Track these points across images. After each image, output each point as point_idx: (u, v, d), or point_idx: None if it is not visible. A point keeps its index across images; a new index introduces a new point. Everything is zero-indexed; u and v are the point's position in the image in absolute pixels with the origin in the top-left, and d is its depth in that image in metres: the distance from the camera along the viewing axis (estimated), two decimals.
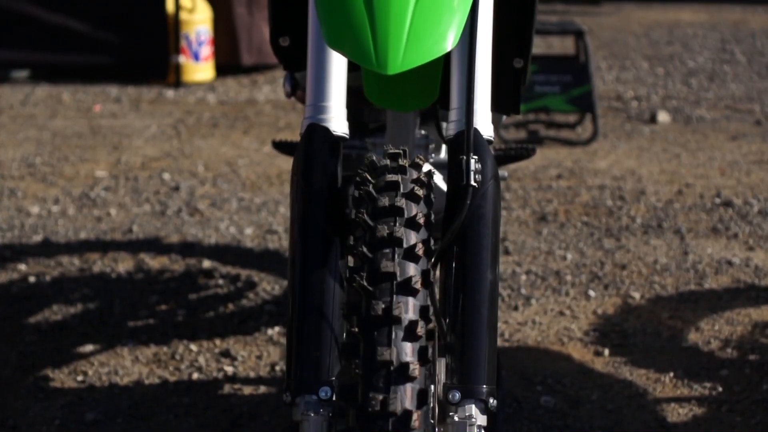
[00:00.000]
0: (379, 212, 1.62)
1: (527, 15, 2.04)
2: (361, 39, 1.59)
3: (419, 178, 1.68)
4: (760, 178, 4.90)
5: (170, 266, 3.80)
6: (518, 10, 2.03)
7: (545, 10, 9.36)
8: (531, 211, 4.40)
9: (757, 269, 3.75)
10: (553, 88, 5.59)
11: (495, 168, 1.76)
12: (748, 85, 6.95)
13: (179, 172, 5.00)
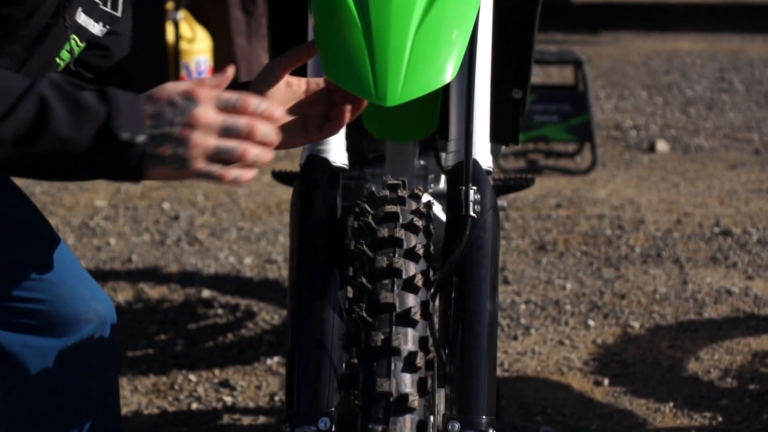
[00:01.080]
0: (378, 243, 1.62)
1: (526, 45, 2.05)
2: (360, 71, 1.60)
3: (418, 209, 1.68)
4: (759, 207, 4.90)
5: (169, 296, 3.80)
6: (517, 41, 2.04)
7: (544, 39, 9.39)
8: (530, 241, 4.40)
9: (756, 298, 3.75)
10: (551, 117, 5.61)
11: (494, 198, 1.76)
12: (747, 114, 6.96)
13: (179, 201, 5.00)
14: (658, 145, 6.10)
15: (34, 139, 1.41)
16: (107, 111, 1.43)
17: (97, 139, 1.42)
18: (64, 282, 1.81)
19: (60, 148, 1.42)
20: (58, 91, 1.44)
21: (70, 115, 1.42)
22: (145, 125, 1.44)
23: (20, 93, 1.42)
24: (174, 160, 1.45)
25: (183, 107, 1.46)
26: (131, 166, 1.45)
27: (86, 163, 1.45)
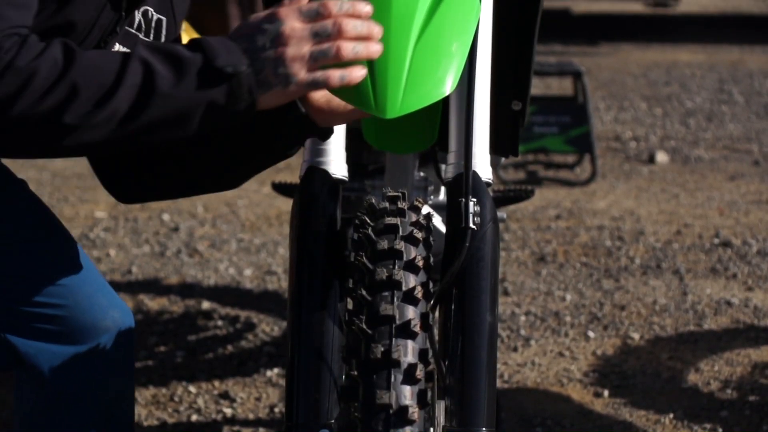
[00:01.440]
0: (378, 255, 1.62)
1: (525, 57, 2.06)
2: (359, 83, 1.60)
3: (418, 221, 1.68)
4: (758, 218, 4.91)
5: (169, 307, 3.80)
6: (516, 53, 2.04)
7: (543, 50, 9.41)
8: (530, 252, 4.40)
9: (756, 309, 3.75)
10: (551, 128, 5.62)
11: (494, 210, 1.76)
12: (746, 125, 6.97)
13: (179, 212, 5.01)
14: (657, 156, 6.11)
15: (147, 103, 1.45)
16: (203, 55, 1.47)
17: (204, 82, 1.46)
18: (82, 289, 1.84)
19: (173, 103, 1.46)
20: (155, 52, 1.48)
21: (173, 69, 1.46)
22: (243, 57, 1.48)
23: (121, 63, 1.45)
24: (279, 80, 1.50)
25: (270, 30, 1.50)
26: (243, 98, 1.49)
27: (201, 111, 1.48)
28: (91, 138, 1.45)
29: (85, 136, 1.45)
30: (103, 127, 1.44)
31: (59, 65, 1.42)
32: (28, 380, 1.84)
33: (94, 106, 1.43)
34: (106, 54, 1.48)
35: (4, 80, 1.39)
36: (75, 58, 1.44)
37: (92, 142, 1.46)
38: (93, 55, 1.47)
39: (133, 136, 1.48)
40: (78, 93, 1.42)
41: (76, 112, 1.42)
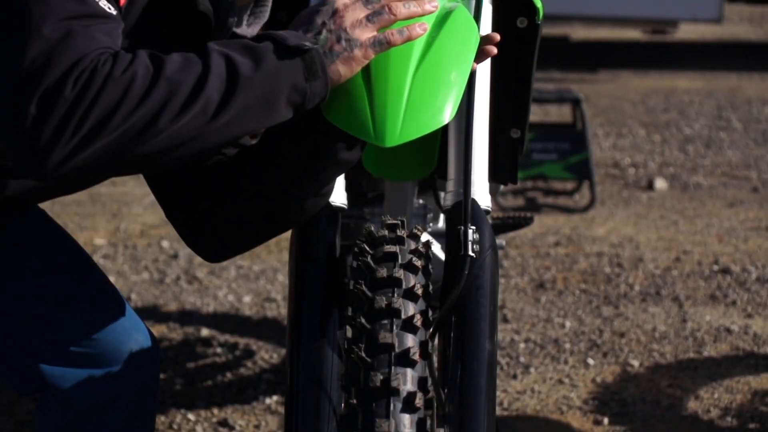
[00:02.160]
0: (377, 283, 1.62)
1: (524, 85, 2.07)
2: (359, 111, 1.61)
3: (417, 248, 1.69)
4: (757, 244, 4.91)
5: (168, 334, 3.79)
6: (515, 81, 2.05)
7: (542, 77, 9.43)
8: (529, 279, 4.40)
9: (756, 337, 3.74)
10: (550, 155, 5.62)
11: (493, 238, 1.77)
12: (745, 152, 6.98)
13: (178, 239, 4.99)
14: (656, 182, 6.11)
15: (234, 88, 1.53)
16: (271, 42, 1.57)
17: (280, 63, 1.56)
18: (107, 314, 1.92)
19: (257, 87, 1.54)
20: (228, 46, 1.57)
21: (250, 56, 1.55)
22: (307, 37, 1.60)
23: (203, 58, 1.54)
24: (343, 47, 1.60)
25: (324, 10, 1.63)
26: (317, 73, 1.58)
27: (284, 92, 1.57)
28: (188, 133, 1.50)
29: (183, 132, 1.50)
30: (199, 119, 1.51)
31: (150, 69, 1.49)
32: (52, 400, 1.89)
33: (188, 100, 1.50)
34: (185, 54, 1.55)
35: (105, 92, 1.46)
36: (162, 60, 1.51)
37: (190, 138, 1.51)
38: (175, 55, 1.53)
39: (226, 128, 1.54)
40: (174, 90, 1.49)
41: (173, 109, 1.49)
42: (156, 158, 1.52)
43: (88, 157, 1.46)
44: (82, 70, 1.45)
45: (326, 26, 1.61)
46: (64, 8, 1.47)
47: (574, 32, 13.54)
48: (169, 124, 1.49)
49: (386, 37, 1.61)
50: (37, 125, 1.44)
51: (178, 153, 1.53)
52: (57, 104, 1.44)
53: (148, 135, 1.48)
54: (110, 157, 1.48)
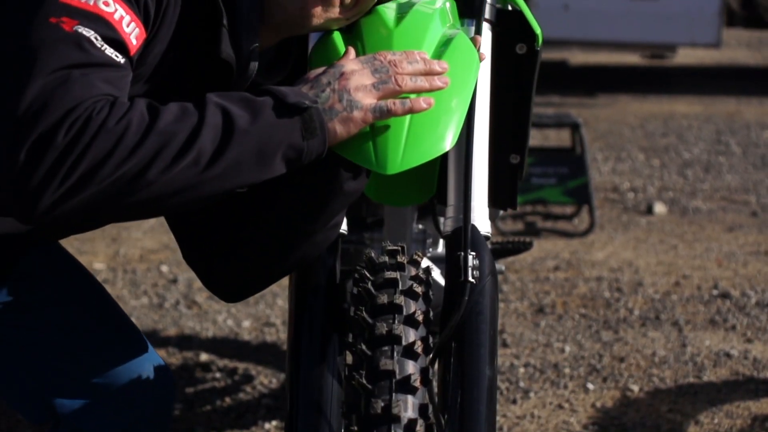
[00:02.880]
0: (378, 310, 1.62)
1: (523, 111, 2.07)
2: (360, 139, 1.61)
3: (418, 275, 1.69)
4: (757, 269, 4.91)
5: (167, 359, 3.79)
6: (514, 107, 2.06)
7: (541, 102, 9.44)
8: (529, 303, 4.40)
9: (755, 361, 3.74)
10: (549, 180, 5.63)
11: (492, 264, 1.77)
12: (744, 176, 6.99)
13: (177, 264, 5.00)
14: (655, 207, 6.12)
15: (228, 140, 1.53)
16: (271, 97, 1.58)
17: (278, 118, 1.56)
18: (122, 349, 1.92)
19: (253, 140, 1.54)
20: (227, 97, 1.57)
21: (248, 110, 1.56)
22: (308, 95, 1.60)
23: (200, 109, 1.54)
24: (344, 106, 1.60)
25: (332, 71, 1.63)
26: (315, 132, 1.59)
27: (281, 148, 1.57)
28: (178, 184, 1.51)
29: (174, 183, 1.50)
30: (190, 170, 1.51)
31: (146, 119, 1.50)
32: (63, 430, 1.88)
33: (181, 151, 1.50)
34: (183, 104, 1.55)
35: (97, 141, 1.46)
36: (158, 109, 1.52)
37: (180, 189, 1.51)
38: (172, 105, 1.53)
39: (218, 180, 1.54)
40: (167, 141, 1.49)
41: (165, 160, 1.49)
42: (148, 207, 1.53)
43: (77, 204, 1.47)
44: (77, 118, 1.46)
45: (330, 85, 1.61)
46: (66, 56, 1.48)
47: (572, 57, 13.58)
48: (160, 175, 1.49)
49: (388, 105, 1.61)
50: (27, 170, 1.44)
51: (171, 202, 1.53)
52: (48, 151, 1.44)
53: (139, 185, 1.49)
54: (101, 204, 1.49)
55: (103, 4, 1.52)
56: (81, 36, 1.49)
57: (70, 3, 1.50)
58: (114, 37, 1.52)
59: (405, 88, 1.62)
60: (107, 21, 1.52)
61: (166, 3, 1.62)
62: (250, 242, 1.77)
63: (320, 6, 1.72)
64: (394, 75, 1.63)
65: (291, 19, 1.75)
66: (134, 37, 1.56)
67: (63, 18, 1.49)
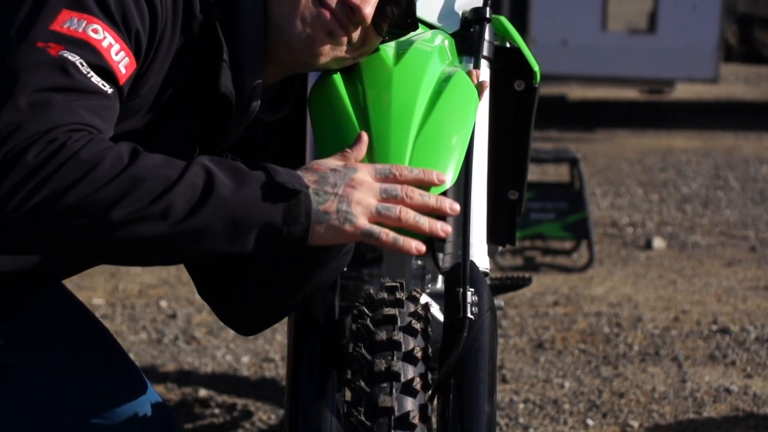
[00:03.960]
0: (376, 346, 1.62)
1: (521, 147, 2.08)
2: None
3: (416, 311, 1.69)
4: (756, 304, 4.90)
5: (166, 395, 3.78)
6: (513, 143, 2.06)
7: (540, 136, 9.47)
8: (528, 339, 4.39)
9: (755, 397, 3.73)
10: (548, 215, 5.64)
11: (491, 300, 1.77)
12: (743, 211, 7.00)
13: (176, 299, 5.00)
14: (654, 242, 6.12)
15: (203, 203, 1.48)
16: (265, 172, 1.53)
17: (264, 196, 1.51)
18: (124, 389, 1.93)
19: (229, 211, 1.50)
20: (218, 163, 1.52)
21: (234, 178, 1.51)
22: (307, 183, 1.54)
23: (185, 164, 1.49)
24: (339, 216, 1.54)
25: (344, 172, 1.57)
26: (299, 221, 1.53)
27: (257, 227, 1.51)
28: (142, 233, 1.47)
29: (138, 230, 1.46)
30: (157, 222, 1.46)
31: (124, 161, 1.47)
32: None
33: (151, 199, 1.46)
34: (170, 158, 1.51)
35: (65, 168, 1.43)
36: (139, 156, 1.48)
37: (143, 238, 1.47)
38: (158, 157, 1.50)
39: (183, 240, 1.49)
40: (136, 186, 1.45)
41: (130, 204, 1.45)
42: (116, 252, 1.49)
43: (36, 226, 1.44)
44: (50, 141, 1.44)
45: (335, 188, 1.56)
46: (50, 78, 1.46)
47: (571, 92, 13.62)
48: (123, 219, 1.45)
49: (380, 234, 1.56)
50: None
51: (140, 252, 1.50)
52: (15, 168, 1.42)
53: (102, 225, 1.45)
54: (62, 236, 1.45)
55: (92, 31, 1.51)
56: (66, 60, 1.48)
57: (59, 30, 1.49)
58: (101, 65, 1.51)
59: (405, 225, 1.57)
60: (95, 48, 1.50)
61: (161, 34, 1.61)
62: (265, 274, 1.75)
63: (328, 45, 1.71)
64: (401, 204, 1.58)
65: (297, 57, 1.74)
66: (123, 66, 1.54)
67: (50, 43, 1.48)
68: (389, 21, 1.74)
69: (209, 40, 1.66)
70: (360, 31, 1.72)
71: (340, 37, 1.71)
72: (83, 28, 1.50)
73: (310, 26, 1.70)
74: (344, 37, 1.71)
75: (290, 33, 1.70)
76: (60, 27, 1.49)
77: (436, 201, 1.60)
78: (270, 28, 1.72)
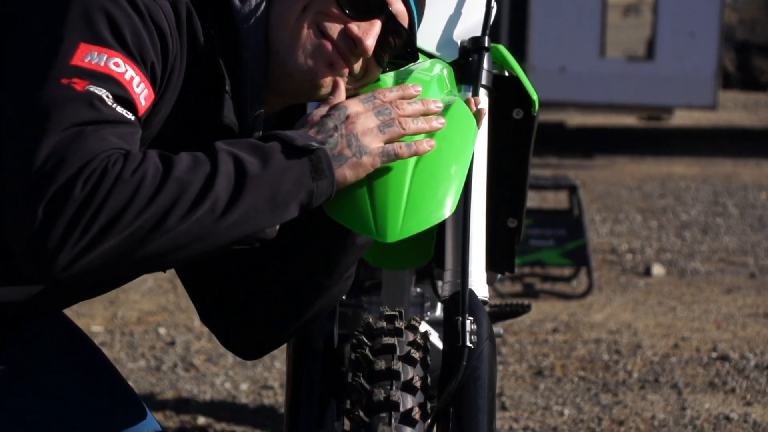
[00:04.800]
0: (375, 376, 1.62)
1: (520, 176, 2.08)
2: (359, 207, 1.62)
3: (415, 340, 1.68)
4: (755, 331, 4.90)
5: (165, 422, 3.77)
6: (511, 171, 2.07)
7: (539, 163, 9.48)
8: (527, 366, 4.39)
9: (755, 425, 3.72)
10: (547, 242, 5.64)
11: (490, 328, 1.77)
12: (742, 238, 7.00)
13: (175, 326, 4.99)
14: (653, 269, 6.12)
15: (242, 187, 1.54)
16: (279, 142, 1.59)
17: (288, 162, 1.57)
18: (119, 414, 1.93)
19: (265, 186, 1.55)
20: (235, 145, 1.58)
21: (257, 155, 1.56)
22: (315, 138, 1.61)
23: (210, 154, 1.55)
24: (353, 152, 1.62)
25: (337, 114, 1.65)
26: (324, 173, 1.60)
27: (292, 192, 1.58)
28: (197, 232, 1.51)
29: (193, 230, 1.51)
30: (207, 218, 1.52)
31: (160, 168, 1.51)
32: None
33: (197, 200, 1.51)
34: (194, 153, 1.56)
35: (116, 190, 1.47)
36: (171, 159, 1.53)
37: (198, 238, 1.52)
38: (184, 155, 1.55)
39: (234, 227, 1.54)
40: (183, 189, 1.50)
41: (182, 209, 1.50)
42: (165, 257, 1.53)
43: (97, 258, 1.47)
44: (92, 171, 1.47)
45: (338, 130, 1.63)
46: (79, 114, 1.49)
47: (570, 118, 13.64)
48: (177, 224, 1.50)
49: (394, 149, 1.63)
50: (46, 226, 1.45)
51: (188, 252, 1.54)
52: (66, 205, 1.45)
53: (157, 234, 1.49)
54: (119, 256, 1.49)
55: (114, 65, 1.54)
56: (93, 94, 1.51)
57: (81, 65, 1.52)
58: (125, 96, 1.54)
59: (408, 131, 1.65)
60: (118, 81, 1.54)
61: (171, 67, 1.64)
62: (267, 299, 1.78)
63: (330, 76, 1.73)
64: (397, 117, 1.66)
65: (299, 88, 1.76)
66: (143, 98, 1.58)
67: (74, 78, 1.51)
68: (390, 52, 1.76)
69: (212, 72, 1.68)
70: (361, 63, 1.74)
71: (342, 69, 1.73)
72: (105, 62, 1.53)
73: (312, 58, 1.71)
74: (346, 68, 1.73)
75: (292, 64, 1.72)
76: (81, 62, 1.52)
77: (423, 103, 1.69)
78: (272, 59, 1.74)
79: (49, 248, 1.45)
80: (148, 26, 1.58)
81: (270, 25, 1.74)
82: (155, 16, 1.60)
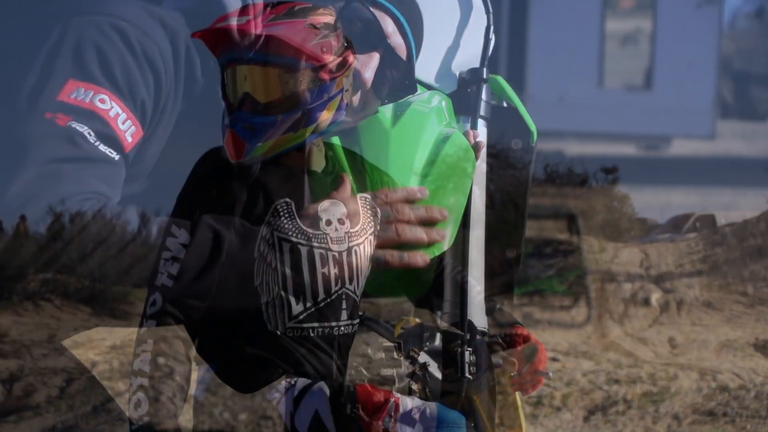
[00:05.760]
0: None
1: (519, 207, 2.08)
2: None
3: (414, 371, 1.68)
4: (755, 361, 4.88)
5: None
6: (510, 203, 2.07)
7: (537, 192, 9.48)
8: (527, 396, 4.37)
9: None
10: (546, 271, 5.63)
11: (489, 358, 1.77)
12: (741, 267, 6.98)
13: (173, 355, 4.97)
14: (652, 298, 6.10)
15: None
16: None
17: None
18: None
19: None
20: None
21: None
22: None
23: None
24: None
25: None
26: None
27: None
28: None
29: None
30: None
31: (134, 230, 1.48)
32: None
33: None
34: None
35: (80, 239, 1.45)
36: (148, 219, 1.50)
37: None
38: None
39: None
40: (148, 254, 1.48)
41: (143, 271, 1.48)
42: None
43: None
44: (61, 213, 1.46)
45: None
46: (58, 149, 1.49)
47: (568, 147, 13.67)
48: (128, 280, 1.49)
49: (385, 257, 1.63)
50: None
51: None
52: (26, 243, 1.44)
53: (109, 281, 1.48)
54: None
55: (99, 101, 1.53)
56: (74, 131, 1.50)
57: (66, 101, 1.52)
58: (108, 134, 1.53)
59: (404, 239, 1.62)
60: (102, 118, 1.53)
61: (164, 102, 1.63)
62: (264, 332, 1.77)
63: None
64: (395, 224, 1.62)
65: None
66: (130, 135, 1.57)
67: (58, 114, 1.51)
68: (389, 85, 1.75)
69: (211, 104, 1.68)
70: (360, 96, 1.74)
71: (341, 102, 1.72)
72: (90, 99, 1.53)
73: None
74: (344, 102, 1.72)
75: None
76: (67, 97, 1.52)
77: (426, 210, 1.65)
78: None
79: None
80: (140, 62, 1.58)
81: None
82: (149, 52, 1.59)
